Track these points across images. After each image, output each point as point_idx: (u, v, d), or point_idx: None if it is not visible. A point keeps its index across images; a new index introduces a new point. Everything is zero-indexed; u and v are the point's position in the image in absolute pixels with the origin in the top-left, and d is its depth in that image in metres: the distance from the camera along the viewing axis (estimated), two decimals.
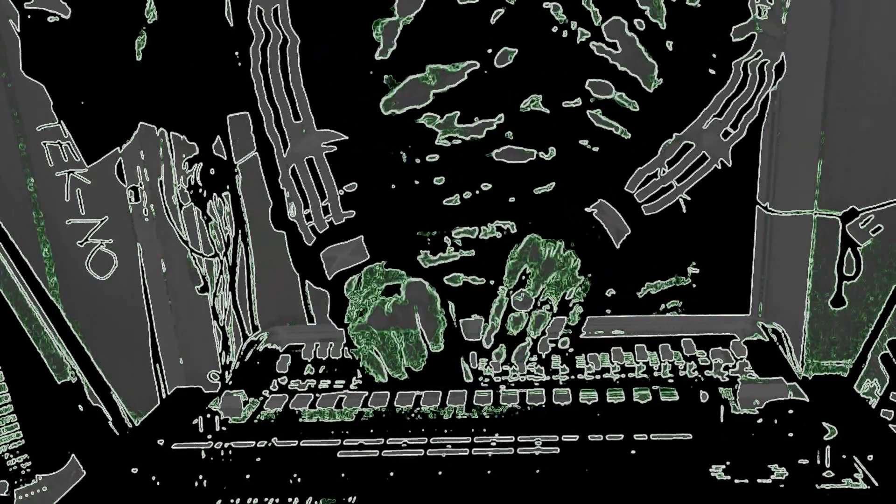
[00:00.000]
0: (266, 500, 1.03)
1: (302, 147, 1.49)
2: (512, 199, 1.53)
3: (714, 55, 1.50)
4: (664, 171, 1.47)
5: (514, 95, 1.48)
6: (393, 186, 1.56)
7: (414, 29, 1.45)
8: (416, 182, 1.54)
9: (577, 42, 1.47)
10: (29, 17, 1.94)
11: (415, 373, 1.31)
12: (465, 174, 1.52)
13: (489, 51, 1.46)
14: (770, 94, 1.58)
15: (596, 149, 1.53)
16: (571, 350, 1.39)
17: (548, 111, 1.49)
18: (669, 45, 1.51)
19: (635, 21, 1.47)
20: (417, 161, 1.52)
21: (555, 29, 1.45)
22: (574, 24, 1.45)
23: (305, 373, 1.41)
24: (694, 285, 1.69)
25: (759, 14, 1.50)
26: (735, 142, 1.51)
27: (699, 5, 1.48)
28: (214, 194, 2.26)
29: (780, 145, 1.91)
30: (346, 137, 1.50)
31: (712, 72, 1.49)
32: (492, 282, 1.52)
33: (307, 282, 2.01)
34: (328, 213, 1.47)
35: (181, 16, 1.92)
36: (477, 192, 1.53)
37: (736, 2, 1.49)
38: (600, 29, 1.47)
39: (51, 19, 1.91)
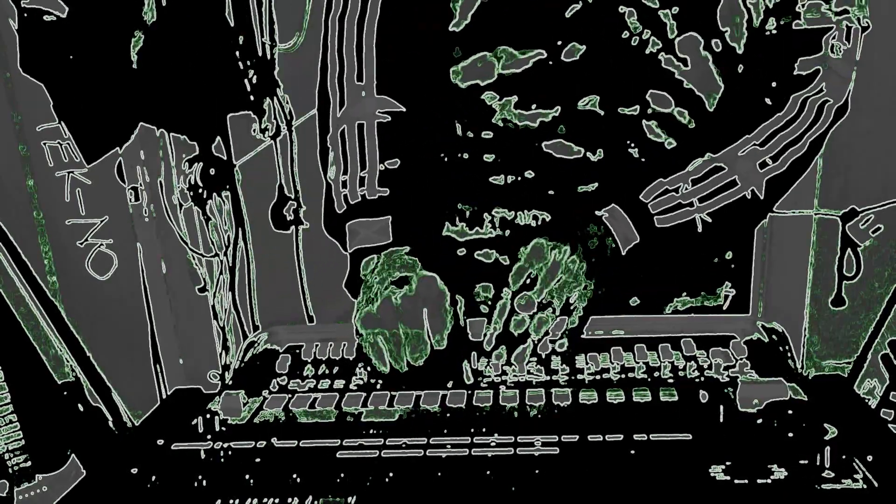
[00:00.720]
0: (266, 500, 1.03)
1: (357, 110, 1.48)
2: (551, 192, 1.53)
3: (774, 84, 1.49)
4: (687, 188, 1.47)
5: (574, 92, 1.49)
6: (442, 156, 1.56)
7: (490, 7, 1.46)
8: (465, 156, 1.54)
9: (647, 51, 1.48)
10: (26, 14, 1.94)
11: (414, 367, 1.31)
12: (513, 158, 1.52)
13: (559, 43, 1.46)
14: (824, 135, 1.54)
15: (644, 159, 1.53)
16: (570, 352, 1.39)
17: (602, 113, 1.50)
18: (740, 68, 1.51)
19: (712, 41, 1.48)
20: (471, 135, 1.52)
21: (626, 34, 1.47)
22: (647, 33, 1.46)
23: (305, 373, 1.41)
24: (725, 307, 1.70)
25: (832, 51, 1.49)
26: (772, 174, 1.49)
27: (775, 32, 1.48)
28: (214, 194, 2.26)
29: None
30: (403, 109, 1.50)
31: (768, 101, 1.49)
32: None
33: (305, 283, 2.01)
34: (363, 185, 1.47)
35: (180, 16, 1.92)
36: (520, 178, 1.53)
37: (810, 35, 1.48)
38: (673, 42, 1.48)
39: (47, 18, 1.91)
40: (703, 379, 1.33)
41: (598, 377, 1.35)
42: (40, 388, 2.12)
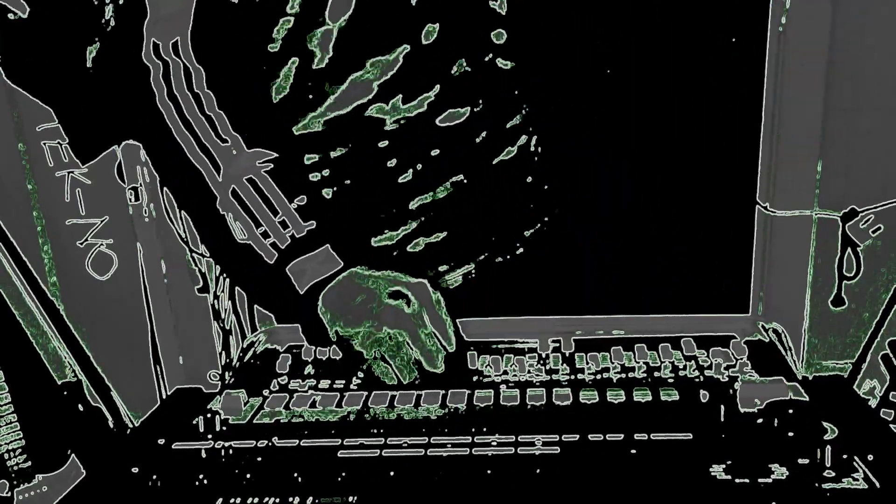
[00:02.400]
0: (266, 500, 1.03)
1: (236, 168, 1.47)
2: (459, 156, 1.61)
3: None
4: None
5: (444, 65, 1.56)
6: (347, 182, 1.60)
7: (347, 31, 1.50)
8: (369, 173, 1.59)
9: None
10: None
11: (433, 374, 1.32)
12: (416, 148, 1.58)
13: (416, 31, 1.53)
14: None
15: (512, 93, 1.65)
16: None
17: (470, 69, 1.58)
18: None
19: None
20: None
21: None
22: None
23: (305, 373, 1.41)
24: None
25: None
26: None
27: None
28: None
29: (780, 145, 1.91)
30: (277, 155, 1.50)
31: None
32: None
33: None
34: (287, 227, 1.46)
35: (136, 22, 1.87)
36: (428, 161, 1.59)
37: None
38: None
39: (10, 16, 1.89)
40: (703, 379, 1.33)
41: (598, 377, 1.35)
42: (40, 388, 2.12)
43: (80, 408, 2.19)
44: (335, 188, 1.60)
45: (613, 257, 1.88)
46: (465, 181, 1.63)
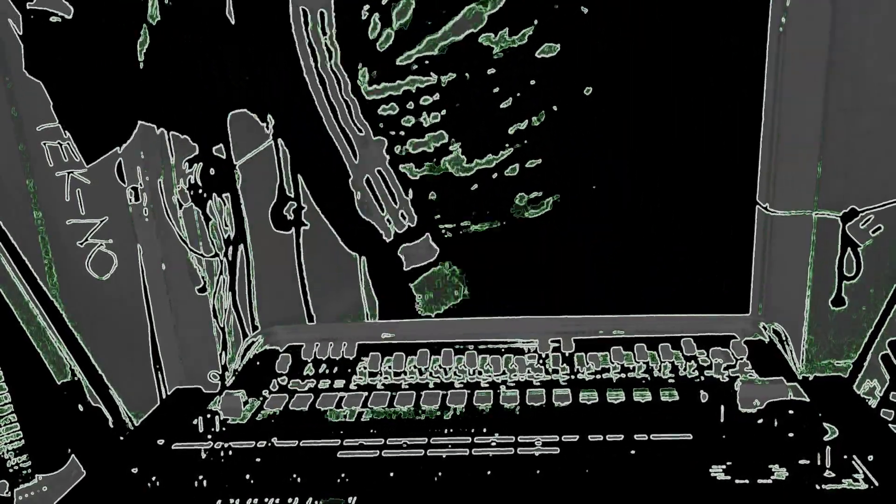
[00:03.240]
0: (266, 499, 1.03)
1: (370, 157, 1.75)
2: (553, 87, 1.78)
3: None
4: None
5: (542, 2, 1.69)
6: (457, 105, 1.76)
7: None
8: (477, 98, 1.74)
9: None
10: (32, 17, 1.94)
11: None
12: (517, 77, 1.74)
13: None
14: None
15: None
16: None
17: (559, 8, 1.74)
18: None
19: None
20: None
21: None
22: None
23: (305, 373, 1.41)
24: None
25: None
26: None
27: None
28: (214, 194, 2.26)
29: (780, 145, 1.91)
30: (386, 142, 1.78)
31: None
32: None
33: (306, 283, 2.14)
34: (405, 217, 1.77)
35: (183, 16, 1.94)
36: (526, 90, 1.75)
37: None
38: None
39: (53, 19, 1.91)
40: (703, 379, 1.33)
41: (598, 377, 1.35)
42: (40, 388, 2.12)
43: (80, 408, 2.18)
44: (444, 112, 1.74)
45: (613, 257, 1.88)
46: (557, 110, 1.76)
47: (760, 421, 1.15)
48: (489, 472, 1.06)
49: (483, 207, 1.81)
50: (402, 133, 1.76)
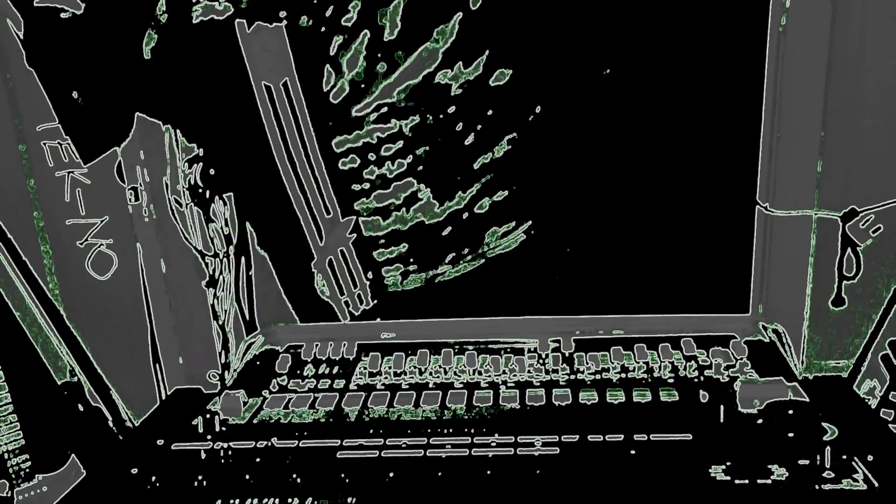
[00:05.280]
0: (266, 500, 1.03)
1: (335, 239, 1.73)
2: (509, 114, 1.72)
3: None
4: None
5: (491, 28, 1.64)
6: (425, 149, 1.74)
7: (411, 4, 1.60)
8: (441, 138, 1.73)
9: None
10: (40, 13, 1.95)
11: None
12: (475, 110, 1.70)
13: None
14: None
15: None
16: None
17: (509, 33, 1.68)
18: None
19: None
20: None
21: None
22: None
23: (305, 373, 1.41)
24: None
25: None
26: None
27: None
28: (216, 195, 2.26)
29: (780, 145, 1.90)
30: (354, 218, 1.76)
31: None
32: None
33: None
34: (362, 300, 1.76)
35: (186, 16, 1.94)
36: (486, 121, 1.72)
37: None
38: None
39: (63, 15, 1.92)
40: (702, 379, 1.33)
41: (597, 377, 1.35)
42: (40, 389, 2.12)
43: (80, 408, 2.18)
44: (409, 159, 1.72)
45: (613, 257, 1.87)
46: (517, 138, 1.72)
47: (760, 421, 1.15)
48: (489, 472, 1.06)
49: (458, 249, 1.78)
50: (367, 186, 1.73)
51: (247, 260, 2.33)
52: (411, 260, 1.79)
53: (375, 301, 1.77)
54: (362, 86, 1.67)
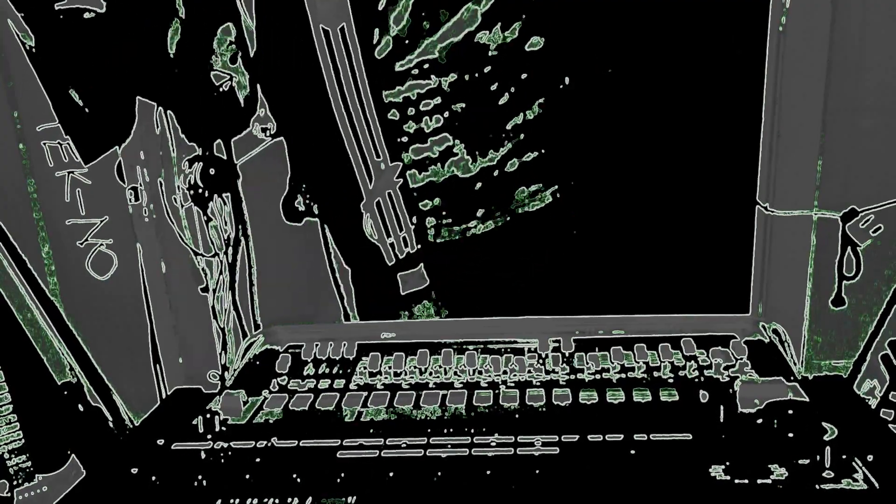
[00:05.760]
0: (266, 500, 1.03)
1: (384, 182, 1.77)
2: (543, 79, 1.78)
3: None
4: None
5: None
6: (462, 106, 1.77)
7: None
8: (477, 96, 1.76)
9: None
10: (61, 17, 1.95)
11: None
12: (510, 72, 1.74)
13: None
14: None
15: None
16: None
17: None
18: None
19: None
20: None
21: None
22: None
23: (305, 373, 1.41)
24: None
25: None
26: None
27: None
28: (215, 195, 2.26)
29: (780, 145, 1.90)
30: (400, 164, 1.80)
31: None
32: None
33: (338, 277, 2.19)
34: (406, 244, 1.80)
35: (203, 12, 1.96)
36: (519, 84, 1.77)
37: None
38: None
39: (87, 15, 1.92)
40: (702, 379, 1.33)
41: (597, 377, 1.35)
42: (40, 389, 2.12)
43: (80, 408, 2.18)
44: (446, 114, 1.76)
45: (613, 257, 1.88)
46: (546, 102, 1.76)
47: (760, 421, 1.15)
48: (489, 472, 1.06)
49: (488, 205, 1.82)
50: (405, 139, 1.77)
51: (247, 259, 2.33)
52: (443, 213, 1.83)
53: (420, 246, 1.84)
54: (406, 42, 1.72)
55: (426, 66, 1.73)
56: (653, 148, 1.87)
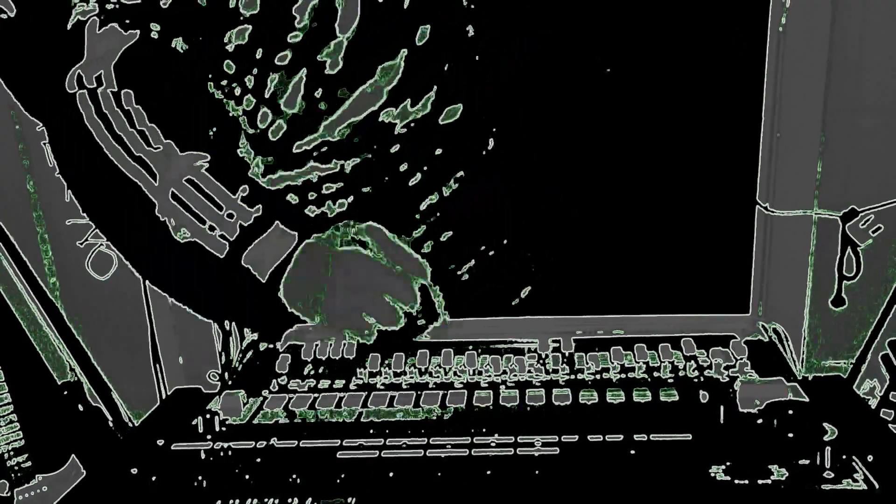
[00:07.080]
0: (266, 500, 1.03)
1: (174, 171, 1.42)
2: (459, 152, 1.63)
3: None
4: None
5: (437, 65, 1.56)
6: (366, 191, 1.61)
7: (355, 41, 1.49)
8: (384, 179, 1.61)
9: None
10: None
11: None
12: (422, 149, 1.59)
13: (411, 34, 1.52)
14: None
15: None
16: None
17: (455, 66, 1.58)
18: None
19: None
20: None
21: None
22: None
23: (305, 373, 1.41)
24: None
25: None
26: None
27: None
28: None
29: (780, 145, 1.91)
30: (209, 156, 1.44)
31: None
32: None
33: None
34: (233, 217, 1.40)
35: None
36: (433, 162, 1.61)
37: None
38: None
39: (3, 16, 1.89)
40: (702, 379, 1.33)
41: (598, 377, 1.35)
42: (40, 389, 2.12)
43: (80, 408, 2.18)
44: (351, 198, 1.60)
45: (612, 257, 1.88)
46: (465, 177, 1.64)
47: (760, 421, 1.15)
48: (489, 473, 1.06)
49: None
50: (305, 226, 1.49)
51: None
52: None
53: (258, 210, 1.46)
54: (303, 123, 1.54)
55: (325, 148, 1.55)
56: (652, 148, 1.87)
